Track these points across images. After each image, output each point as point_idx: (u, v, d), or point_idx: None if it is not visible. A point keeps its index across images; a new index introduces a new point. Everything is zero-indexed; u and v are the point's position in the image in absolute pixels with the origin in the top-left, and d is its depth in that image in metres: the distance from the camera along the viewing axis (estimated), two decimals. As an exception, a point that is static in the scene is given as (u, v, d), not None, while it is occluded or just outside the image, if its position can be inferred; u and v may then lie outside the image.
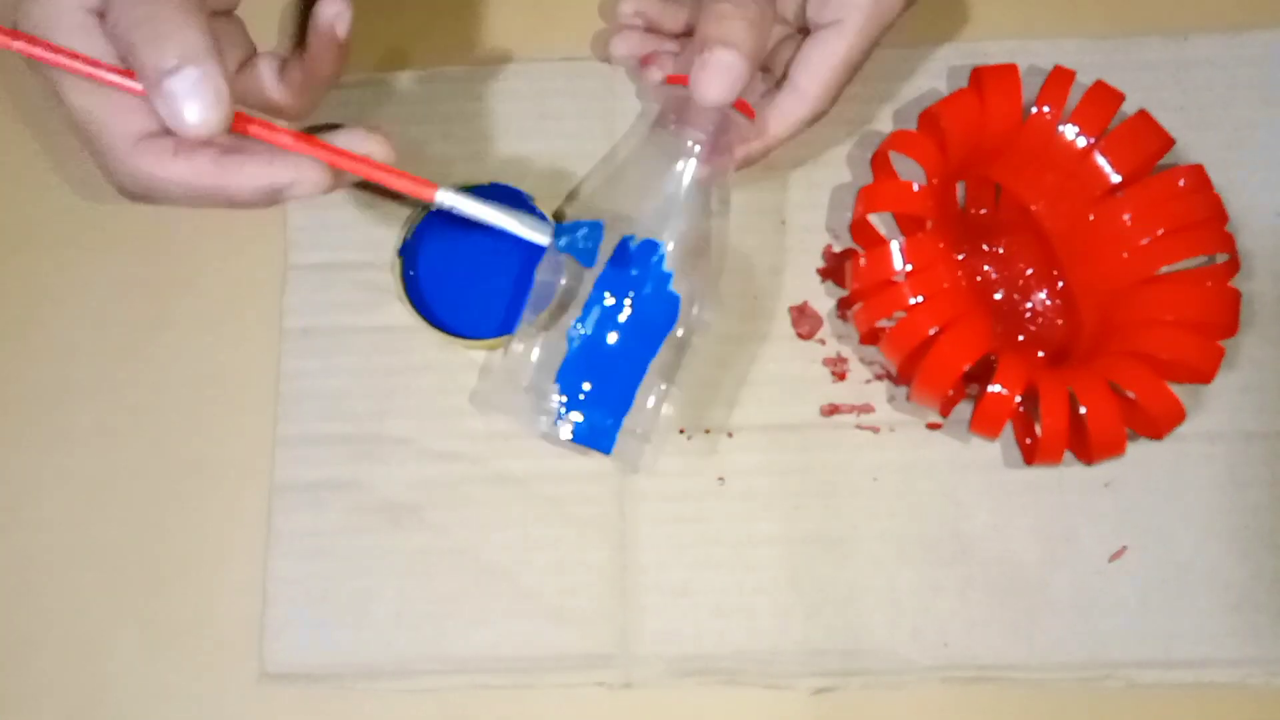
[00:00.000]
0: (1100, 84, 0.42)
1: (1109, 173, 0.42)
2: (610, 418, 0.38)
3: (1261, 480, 0.42)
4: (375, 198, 0.45)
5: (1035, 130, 0.42)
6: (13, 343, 0.44)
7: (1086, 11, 0.46)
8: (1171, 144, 0.42)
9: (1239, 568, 0.41)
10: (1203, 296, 0.40)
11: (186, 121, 0.30)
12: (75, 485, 0.43)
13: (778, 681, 0.41)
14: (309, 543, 0.42)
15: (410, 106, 0.46)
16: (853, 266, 0.40)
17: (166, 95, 0.29)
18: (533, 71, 0.46)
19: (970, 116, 0.41)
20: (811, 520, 0.42)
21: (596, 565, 0.42)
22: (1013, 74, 0.41)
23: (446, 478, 0.42)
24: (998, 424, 0.39)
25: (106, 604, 0.42)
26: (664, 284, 0.38)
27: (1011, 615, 0.41)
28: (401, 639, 0.41)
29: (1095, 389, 0.38)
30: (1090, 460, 0.40)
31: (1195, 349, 0.39)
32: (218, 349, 0.44)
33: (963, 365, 0.38)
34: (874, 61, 0.45)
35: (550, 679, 0.41)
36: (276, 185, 0.32)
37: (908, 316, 0.39)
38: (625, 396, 0.38)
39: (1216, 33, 0.46)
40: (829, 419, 0.43)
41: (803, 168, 0.45)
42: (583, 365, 0.38)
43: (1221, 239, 0.41)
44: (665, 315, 0.38)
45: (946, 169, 0.41)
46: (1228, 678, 0.40)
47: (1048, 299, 0.43)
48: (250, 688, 0.41)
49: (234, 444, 0.43)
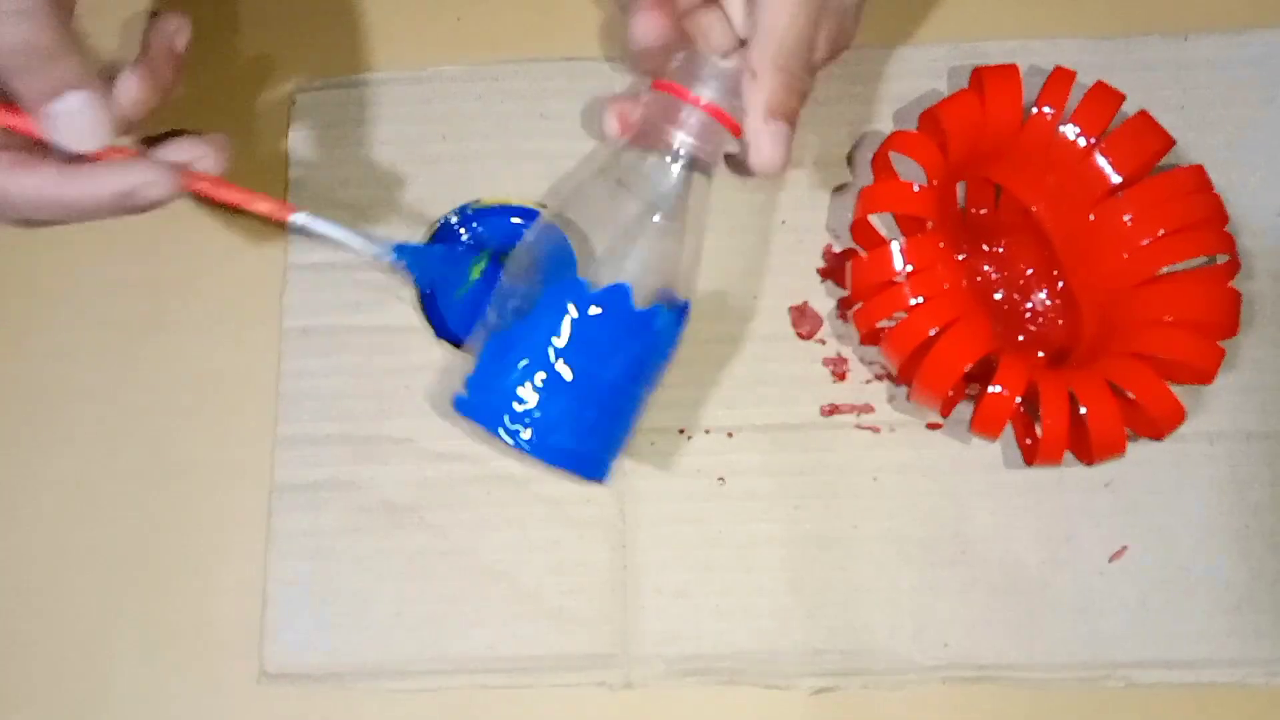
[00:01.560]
0: (1101, 84, 0.42)
1: (1109, 173, 0.42)
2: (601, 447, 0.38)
3: (1262, 480, 0.42)
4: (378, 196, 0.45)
5: (1036, 131, 0.42)
6: (12, 343, 0.44)
7: (1086, 11, 0.46)
8: (1172, 144, 0.42)
9: (1239, 568, 0.41)
10: (1203, 297, 0.40)
11: (71, 143, 0.32)
12: (74, 485, 0.43)
13: (778, 682, 0.41)
14: (309, 543, 0.42)
15: (409, 106, 0.46)
16: (853, 267, 0.40)
17: (53, 118, 0.32)
18: (533, 71, 0.46)
19: (971, 117, 0.41)
20: (812, 520, 0.42)
21: (596, 566, 0.42)
22: (1013, 74, 0.41)
23: (446, 478, 0.42)
24: (998, 424, 0.39)
25: (106, 604, 0.42)
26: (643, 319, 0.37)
27: (1012, 615, 0.41)
28: (401, 639, 0.41)
29: (1095, 389, 0.38)
30: (1090, 461, 0.40)
31: (1196, 350, 0.39)
32: (218, 349, 0.44)
33: (963, 365, 0.38)
34: (874, 62, 0.46)
35: (550, 679, 0.41)
36: (127, 189, 0.33)
37: (908, 317, 0.39)
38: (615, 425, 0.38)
39: (1217, 32, 0.46)
40: (829, 419, 0.43)
41: (803, 168, 0.45)
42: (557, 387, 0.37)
43: (1222, 240, 0.41)
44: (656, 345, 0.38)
45: (947, 169, 0.41)
46: (1228, 678, 0.40)
47: (1048, 299, 0.43)
48: (250, 688, 0.41)
49: (234, 444, 0.43)
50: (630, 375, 0.38)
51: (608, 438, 0.38)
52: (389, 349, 0.44)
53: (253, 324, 0.44)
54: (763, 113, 0.36)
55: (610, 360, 0.37)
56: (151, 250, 0.45)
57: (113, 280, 0.45)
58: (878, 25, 0.45)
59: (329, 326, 0.44)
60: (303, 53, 0.47)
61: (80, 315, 0.45)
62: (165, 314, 0.44)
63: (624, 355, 0.37)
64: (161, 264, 0.45)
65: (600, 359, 0.37)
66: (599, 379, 0.37)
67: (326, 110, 0.46)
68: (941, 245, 0.39)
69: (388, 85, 0.46)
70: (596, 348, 0.36)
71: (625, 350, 0.37)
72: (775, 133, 0.37)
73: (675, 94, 0.37)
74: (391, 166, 0.45)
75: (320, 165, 0.45)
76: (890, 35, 0.46)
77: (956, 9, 0.46)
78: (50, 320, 0.45)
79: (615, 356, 0.37)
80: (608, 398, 0.37)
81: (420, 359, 0.43)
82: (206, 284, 0.45)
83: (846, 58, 0.41)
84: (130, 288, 0.45)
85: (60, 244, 0.45)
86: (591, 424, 0.37)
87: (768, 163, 0.37)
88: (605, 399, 0.37)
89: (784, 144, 0.37)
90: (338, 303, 0.44)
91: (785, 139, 0.37)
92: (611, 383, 0.37)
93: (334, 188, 0.45)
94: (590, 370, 0.36)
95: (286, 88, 0.46)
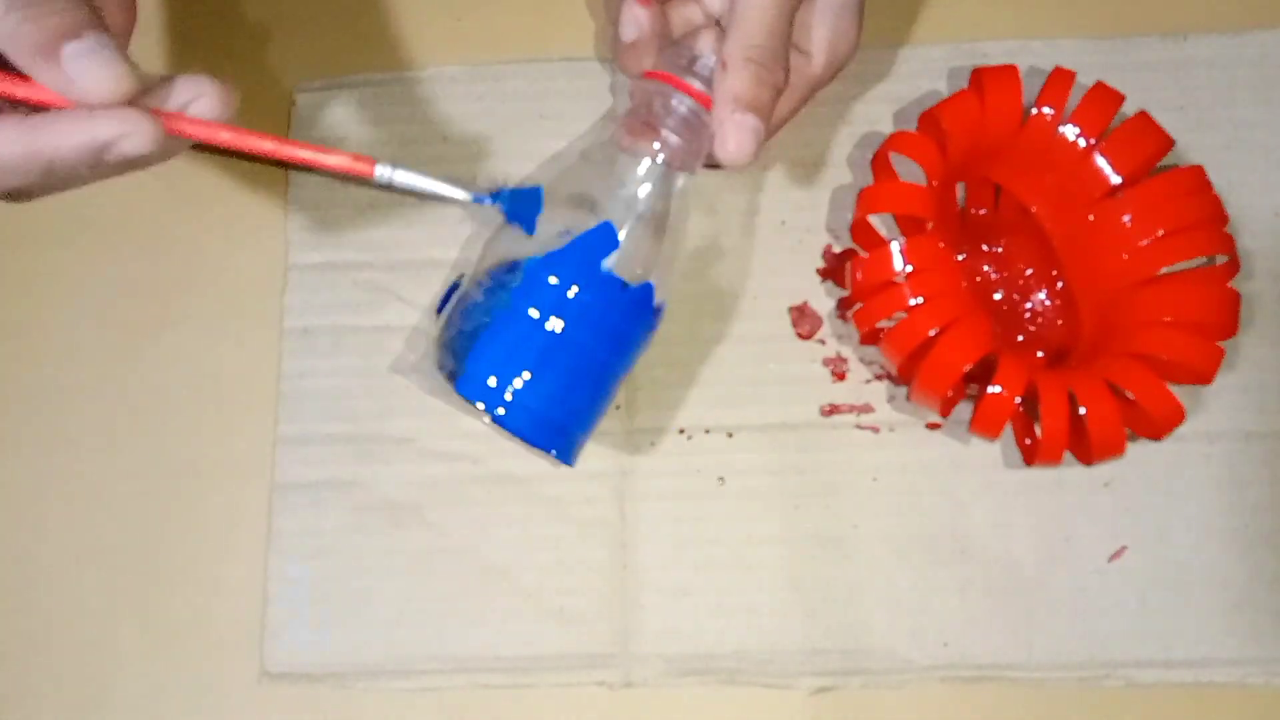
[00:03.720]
0: (1100, 85, 0.42)
1: (1109, 174, 0.42)
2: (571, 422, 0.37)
3: (1261, 480, 0.42)
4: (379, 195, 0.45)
5: (1035, 131, 0.42)
6: (13, 343, 0.44)
7: (1086, 11, 0.46)
8: (1171, 145, 0.42)
9: (1238, 567, 0.41)
10: (1202, 297, 0.40)
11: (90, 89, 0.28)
12: (75, 485, 0.43)
13: (777, 681, 0.41)
14: (309, 542, 0.42)
15: (409, 106, 0.46)
16: (853, 267, 0.41)
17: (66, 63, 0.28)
18: (533, 71, 0.46)
19: (971, 117, 0.41)
20: (811, 520, 0.42)
21: (596, 565, 0.42)
22: (1013, 75, 0.41)
23: (447, 477, 0.42)
24: (998, 425, 0.39)
25: (106, 604, 0.42)
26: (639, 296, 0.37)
27: (1011, 615, 0.41)
28: (402, 638, 0.41)
29: (1095, 390, 0.38)
30: (1090, 461, 0.40)
31: (1195, 350, 0.39)
32: (218, 349, 0.44)
33: (963, 366, 0.38)
34: (874, 62, 0.46)
35: (550, 678, 0.41)
36: (99, 141, 0.29)
37: (908, 317, 0.39)
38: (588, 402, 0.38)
39: (1216, 32, 0.45)
40: (829, 419, 0.43)
41: (803, 168, 0.45)
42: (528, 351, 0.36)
43: (1221, 240, 0.41)
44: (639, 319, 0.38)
45: (947, 170, 0.41)
46: (1227, 678, 0.40)
47: (1047, 299, 0.44)
48: (250, 687, 0.41)
49: (234, 444, 0.43)
50: (616, 353, 0.38)
51: (586, 419, 0.38)
52: (389, 349, 0.44)
53: (253, 324, 0.44)
54: (730, 103, 0.36)
55: (601, 334, 0.37)
56: (152, 250, 0.45)
57: (113, 280, 0.45)
58: (877, 25, 0.45)
59: (329, 326, 0.44)
60: (303, 53, 0.47)
61: (80, 315, 0.45)
62: (165, 314, 0.45)
63: (614, 332, 0.37)
64: (162, 264, 0.45)
65: (594, 332, 0.37)
66: (588, 353, 0.37)
67: (326, 110, 0.46)
68: (941, 245, 0.39)
69: (388, 85, 0.46)
70: (590, 320, 0.36)
71: (616, 327, 0.37)
72: (741, 124, 0.36)
73: (666, 81, 0.37)
74: (392, 166, 0.45)
75: (320, 165, 0.45)
76: (890, 35, 0.46)
77: (956, 9, 0.46)
78: (50, 320, 0.45)
79: (605, 331, 0.37)
80: (593, 376, 0.37)
81: (419, 359, 0.43)
82: (207, 284, 0.45)
83: (847, 57, 0.41)
84: (131, 288, 0.45)
85: (61, 244, 0.45)
86: (576, 403, 0.37)
87: (733, 154, 0.36)
88: (590, 377, 0.37)
89: (751, 136, 0.36)
90: (338, 303, 0.44)
91: (752, 131, 0.36)
92: (599, 360, 0.37)
93: (334, 188, 0.45)
94: (580, 342, 0.36)
95: (286, 88, 0.46)
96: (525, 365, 0.36)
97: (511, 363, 0.36)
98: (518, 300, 0.36)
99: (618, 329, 0.38)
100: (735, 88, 0.36)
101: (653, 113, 0.38)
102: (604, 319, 0.37)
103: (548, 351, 0.36)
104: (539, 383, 0.36)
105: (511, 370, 0.36)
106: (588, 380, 0.37)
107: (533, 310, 0.36)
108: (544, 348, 0.36)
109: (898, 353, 0.40)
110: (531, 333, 0.36)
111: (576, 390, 0.37)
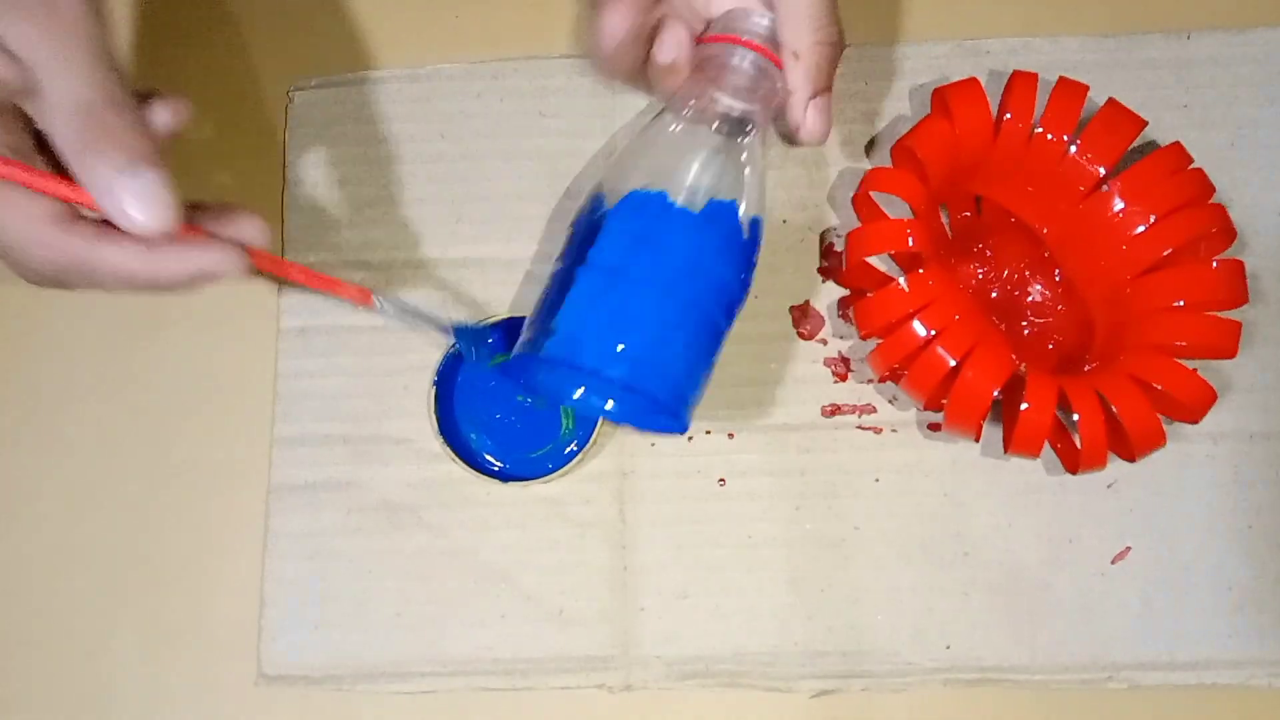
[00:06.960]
0: (1063, 80, 0.41)
1: (1091, 167, 0.41)
2: (669, 392, 0.36)
3: (1265, 481, 0.42)
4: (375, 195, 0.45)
5: (1009, 139, 0.41)
6: (12, 343, 0.44)
7: (1089, 10, 0.46)
8: (1144, 125, 0.41)
9: (1242, 569, 0.41)
10: (1207, 274, 0.40)
11: (137, 221, 0.30)
12: (73, 485, 0.43)
13: (778, 684, 0.40)
14: (307, 544, 0.42)
15: (408, 105, 0.46)
16: (858, 311, 0.40)
17: (118, 196, 0.30)
18: (532, 69, 0.46)
19: (943, 140, 0.40)
20: (812, 521, 0.42)
21: (596, 567, 0.41)
22: (975, 88, 0.40)
23: (445, 478, 0.42)
24: (1037, 443, 0.38)
25: (104, 605, 0.42)
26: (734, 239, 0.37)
27: (1014, 617, 0.41)
28: (400, 640, 0.41)
29: (1122, 388, 0.38)
30: (1133, 458, 0.39)
31: (1213, 328, 0.39)
32: (215, 349, 0.44)
33: (991, 390, 0.37)
34: (877, 59, 0.45)
35: (550, 681, 0.41)
36: (206, 272, 0.32)
37: (926, 353, 0.38)
38: (690, 365, 0.37)
39: (1219, 30, 0.45)
40: (830, 419, 0.43)
41: (803, 167, 0.45)
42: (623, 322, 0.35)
43: (1213, 213, 0.40)
44: (722, 236, 0.37)
45: (929, 197, 0.40)
46: (1231, 679, 0.40)
47: (1044, 289, 0.43)
48: (248, 689, 0.41)
49: (231, 444, 0.43)
50: (706, 286, 0.37)
51: (694, 381, 0.37)
52: (387, 349, 0.43)
53: (250, 324, 0.44)
54: (810, 91, 0.38)
55: (684, 269, 0.36)
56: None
57: (109, 280, 0.45)
58: (879, 24, 0.45)
59: (326, 326, 0.44)
60: (300, 51, 0.46)
61: (80, 315, 0.44)
62: (163, 314, 0.44)
63: (697, 263, 0.36)
64: (158, 263, 0.45)
65: (678, 269, 0.36)
66: (674, 292, 0.36)
67: (324, 109, 0.46)
68: (943, 274, 0.38)
69: (385, 83, 0.46)
70: (702, 267, 0.36)
71: (698, 257, 0.36)
72: (819, 105, 0.38)
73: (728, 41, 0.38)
74: (389, 165, 0.45)
75: (317, 164, 0.45)
76: (892, 34, 0.46)
77: (959, 7, 0.46)
78: (50, 320, 0.44)
79: (688, 265, 0.36)
80: (700, 332, 0.37)
81: (418, 359, 0.43)
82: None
83: (849, 55, 0.41)
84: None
85: (56, 243, 0.45)
86: (684, 367, 0.36)
87: (819, 136, 0.39)
88: (697, 333, 0.36)
89: (829, 113, 0.39)
90: (335, 303, 0.44)
91: (828, 110, 0.39)
92: (707, 312, 0.37)
93: (331, 186, 0.45)
94: (664, 282, 0.36)
95: (283, 86, 0.46)
96: (619, 327, 0.35)
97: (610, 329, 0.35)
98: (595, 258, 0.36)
99: (699, 258, 0.36)
100: (812, 74, 0.37)
101: (721, 67, 0.38)
102: (685, 250, 0.36)
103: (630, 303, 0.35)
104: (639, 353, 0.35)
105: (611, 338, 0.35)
106: (684, 324, 0.36)
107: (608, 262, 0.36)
108: (626, 300, 0.35)
109: (922, 391, 0.39)
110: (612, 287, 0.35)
111: (672, 343, 0.36)
